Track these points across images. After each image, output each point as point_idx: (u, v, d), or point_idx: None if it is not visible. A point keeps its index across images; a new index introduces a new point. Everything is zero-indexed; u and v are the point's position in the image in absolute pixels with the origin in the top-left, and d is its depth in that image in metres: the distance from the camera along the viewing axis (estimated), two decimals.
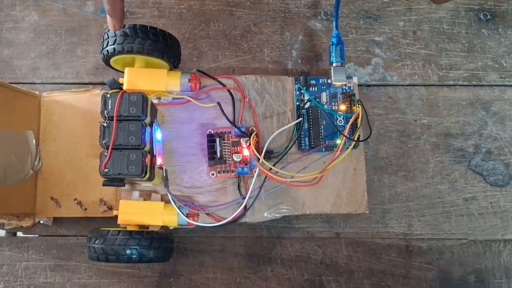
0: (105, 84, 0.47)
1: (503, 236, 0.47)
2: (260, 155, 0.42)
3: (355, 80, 0.46)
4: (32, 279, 0.45)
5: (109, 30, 0.41)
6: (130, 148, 0.38)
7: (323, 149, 0.44)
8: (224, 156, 0.43)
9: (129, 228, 0.41)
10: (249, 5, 0.52)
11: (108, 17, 0.38)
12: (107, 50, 0.41)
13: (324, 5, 0.52)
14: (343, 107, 0.45)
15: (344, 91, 0.46)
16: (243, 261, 0.46)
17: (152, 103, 0.41)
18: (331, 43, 0.46)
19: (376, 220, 0.47)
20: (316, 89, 0.46)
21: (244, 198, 0.42)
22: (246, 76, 0.46)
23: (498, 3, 0.52)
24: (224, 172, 0.44)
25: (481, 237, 0.47)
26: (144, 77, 0.43)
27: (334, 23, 0.47)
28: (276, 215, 0.44)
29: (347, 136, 0.43)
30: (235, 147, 0.43)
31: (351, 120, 0.43)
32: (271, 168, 0.42)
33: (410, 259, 0.46)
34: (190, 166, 0.44)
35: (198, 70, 0.45)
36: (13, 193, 0.42)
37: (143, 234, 0.39)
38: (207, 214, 0.43)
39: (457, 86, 0.50)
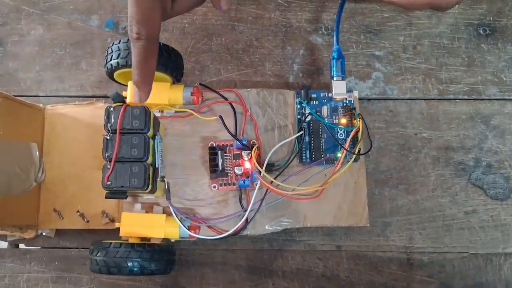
0: (108, 97, 0.48)
1: (504, 250, 0.47)
2: (262, 168, 0.42)
3: (355, 94, 0.46)
4: None
5: (113, 44, 0.42)
6: (133, 161, 0.38)
7: (324, 162, 0.45)
8: (225, 169, 0.43)
9: (131, 241, 0.41)
10: (251, 20, 0.52)
11: (134, 88, 0.36)
12: (111, 64, 0.42)
13: (325, 20, 0.52)
14: (343, 120, 0.45)
15: (344, 104, 0.46)
16: (245, 274, 0.46)
17: (154, 116, 0.41)
18: (332, 57, 0.46)
19: (377, 233, 0.47)
20: (317, 103, 0.46)
21: (245, 210, 0.43)
22: (248, 89, 0.47)
23: (498, 18, 0.52)
24: (225, 184, 0.44)
25: (482, 251, 0.47)
26: None
27: (335, 37, 0.48)
28: (278, 227, 0.44)
29: (348, 149, 0.43)
30: (237, 160, 0.44)
31: (351, 134, 0.44)
32: (272, 181, 0.42)
33: (411, 272, 0.46)
34: (192, 178, 0.44)
35: (200, 84, 0.46)
36: (16, 204, 0.42)
37: (145, 246, 0.39)
38: (209, 226, 0.43)
39: (457, 100, 0.50)
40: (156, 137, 0.41)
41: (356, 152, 0.43)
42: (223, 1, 0.33)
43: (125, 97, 0.42)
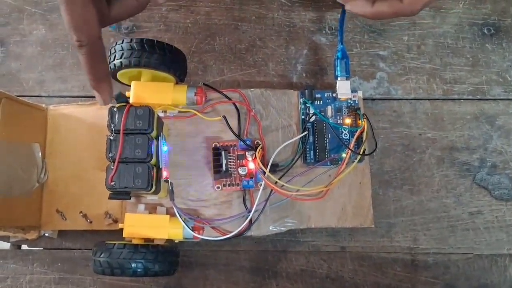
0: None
1: (509, 251, 0.46)
2: (266, 168, 0.42)
3: (360, 94, 0.46)
4: None
5: (116, 44, 0.42)
6: (137, 162, 0.38)
7: (328, 163, 0.44)
8: (229, 169, 0.43)
9: (134, 241, 0.41)
10: (254, 19, 0.52)
11: (95, 92, 0.35)
12: (114, 64, 0.41)
13: (328, 19, 0.52)
14: (348, 120, 0.45)
15: (349, 104, 0.46)
16: (248, 275, 0.46)
17: (158, 117, 0.41)
18: (336, 57, 0.46)
19: (382, 234, 0.47)
20: (321, 103, 0.46)
21: (249, 211, 0.42)
22: (252, 89, 0.46)
23: (502, 18, 0.52)
24: (229, 185, 0.44)
25: (487, 252, 0.46)
26: (151, 90, 0.43)
27: (339, 37, 0.47)
28: (282, 228, 0.44)
29: (353, 149, 0.43)
30: (241, 160, 0.43)
31: (356, 134, 0.44)
32: (276, 182, 0.42)
33: (416, 273, 0.46)
34: (196, 179, 0.44)
35: (204, 84, 0.46)
36: (19, 205, 0.42)
37: (149, 247, 0.39)
38: (212, 227, 0.43)
39: (462, 100, 0.50)
40: (159, 137, 0.40)
41: (361, 152, 0.43)
42: None
43: (129, 97, 0.42)
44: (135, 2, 0.34)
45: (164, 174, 0.40)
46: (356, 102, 0.46)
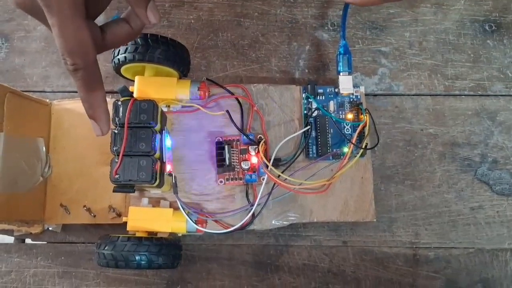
0: (114, 93, 0.48)
1: (509, 245, 0.47)
2: (269, 162, 0.42)
3: (362, 89, 0.46)
4: (40, 286, 0.45)
5: None
6: (141, 155, 0.38)
7: (331, 157, 0.45)
8: (232, 163, 0.43)
9: (138, 235, 0.41)
10: (257, 15, 0.52)
11: (91, 121, 0.34)
12: (118, 59, 0.42)
13: (331, 16, 0.52)
14: (350, 115, 0.45)
15: (351, 100, 0.46)
16: (251, 269, 0.46)
17: (162, 111, 0.41)
18: (338, 52, 0.47)
19: (383, 228, 0.47)
20: (323, 98, 0.46)
21: (252, 205, 0.43)
22: (254, 85, 0.47)
23: (503, 15, 0.52)
24: (232, 179, 0.44)
25: (488, 246, 0.47)
26: (154, 85, 0.43)
27: (341, 33, 0.48)
28: (284, 222, 0.44)
29: (355, 144, 0.43)
30: (244, 155, 0.44)
31: (358, 129, 0.44)
32: (279, 176, 0.42)
33: (417, 268, 0.46)
34: (199, 173, 0.44)
35: (207, 79, 0.46)
36: (23, 199, 0.42)
37: (152, 240, 0.39)
38: (215, 221, 0.43)
39: (463, 96, 0.50)
40: (163, 131, 0.41)
41: (363, 146, 0.43)
42: (151, 14, 0.31)
43: (133, 92, 0.42)
44: (129, 29, 0.33)
45: (168, 167, 0.41)
46: (358, 97, 0.46)
